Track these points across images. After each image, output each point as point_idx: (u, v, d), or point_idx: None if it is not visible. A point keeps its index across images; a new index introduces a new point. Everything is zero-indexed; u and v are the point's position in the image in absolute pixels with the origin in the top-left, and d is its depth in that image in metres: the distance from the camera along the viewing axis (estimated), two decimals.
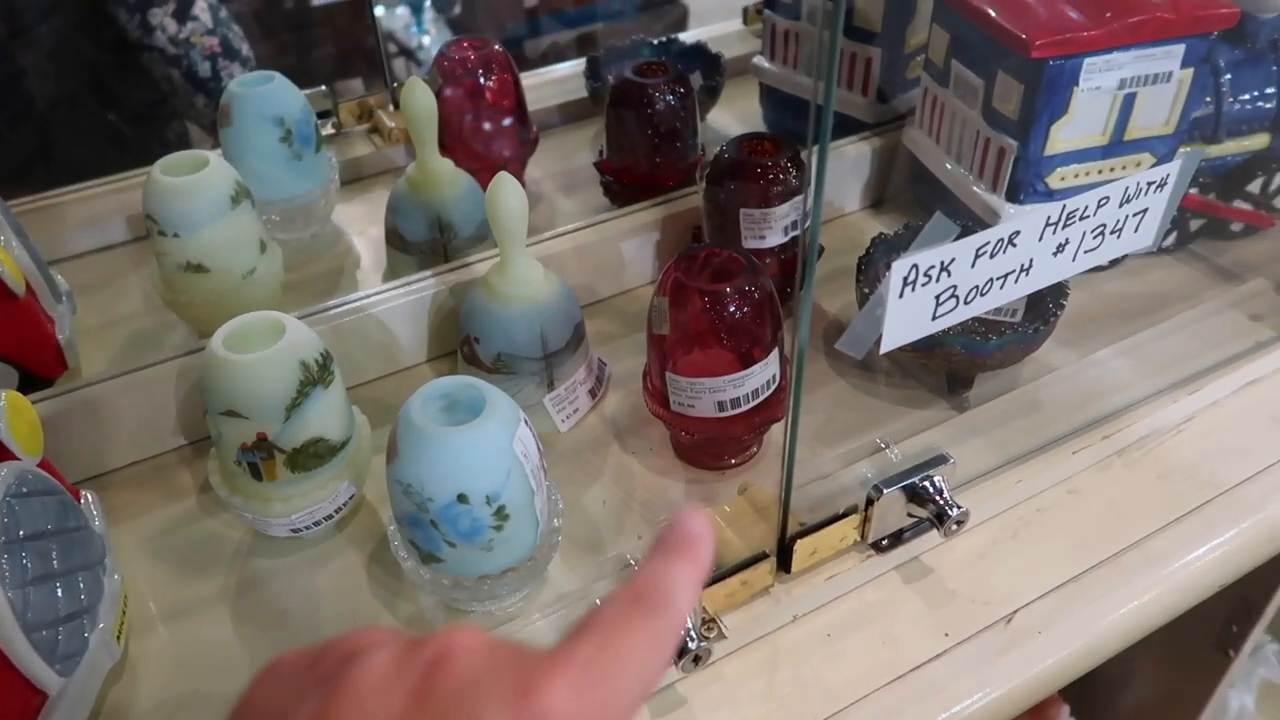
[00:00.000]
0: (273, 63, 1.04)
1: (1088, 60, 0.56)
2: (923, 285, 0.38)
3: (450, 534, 0.42)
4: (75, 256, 0.72)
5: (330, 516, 0.50)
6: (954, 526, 0.45)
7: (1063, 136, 0.59)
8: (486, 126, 0.72)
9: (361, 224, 0.76)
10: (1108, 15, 0.56)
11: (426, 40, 1.99)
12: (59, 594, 0.41)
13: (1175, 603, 0.49)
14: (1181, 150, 0.59)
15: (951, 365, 0.55)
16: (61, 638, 0.41)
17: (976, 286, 0.40)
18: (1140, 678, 0.86)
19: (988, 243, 0.39)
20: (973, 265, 0.39)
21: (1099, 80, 0.57)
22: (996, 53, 0.59)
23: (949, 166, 0.67)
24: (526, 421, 0.43)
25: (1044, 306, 0.56)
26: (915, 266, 0.38)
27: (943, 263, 0.38)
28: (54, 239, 0.71)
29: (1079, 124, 0.59)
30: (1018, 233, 0.40)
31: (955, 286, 0.40)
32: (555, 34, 1.72)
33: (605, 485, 0.54)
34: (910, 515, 0.47)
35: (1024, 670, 0.45)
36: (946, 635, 0.46)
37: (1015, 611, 0.47)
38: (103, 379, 0.54)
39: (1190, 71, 0.59)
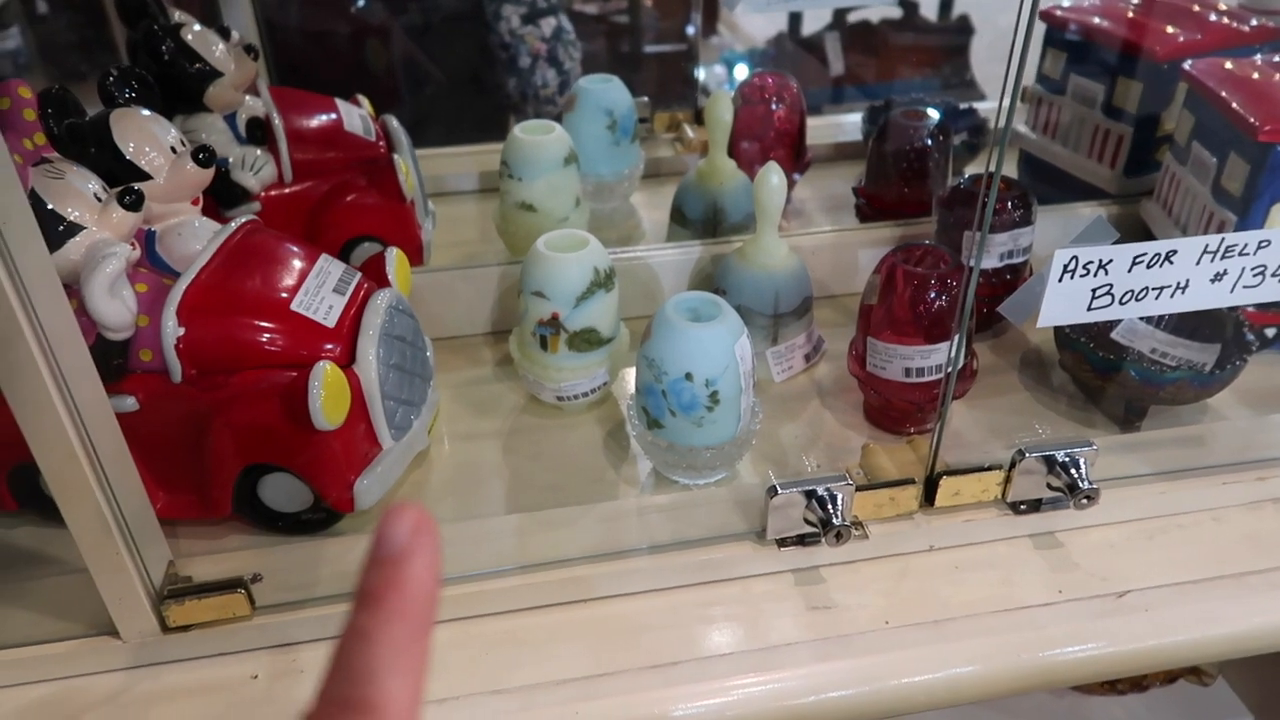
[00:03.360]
0: None
1: None
2: (1080, 276, 0.48)
3: (674, 404, 0.56)
4: (437, 194, 0.94)
5: (586, 394, 0.66)
6: (1083, 500, 0.53)
7: None
8: (771, 143, 0.86)
9: (649, 209, 0.93)
10: None
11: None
12: (403, 383, 0.59)
13: None
14: None
15: (1126, 391, 0.62)
16: (399, 414, 0.58)
17: (1132, 291, 0.49)
18: None
19: (1145, 254, 0.48)
20: (1129, 270, 0.48)
21: None
22: (1230, 136, 0.66)
23: (1175, 236, 0.73)
24: (749, 337, 0.57)
25: (1229, 359, 0.62)
26: (1075, 258, 0.47)
27: (1101, 261, 0.47)
28: (427, 178, 0.93)
29: None
30: (1175, 252, 0.48)
31: (1112, 285, 0.48)
32: (854, 101, 1.86)
33: (799, 426, 0.66)
34: (1049, 487, 0.55)
35: (1122, 638, 0.51)
36: (1060, 592, 0.53)
37: (1129, 591, 0.53)
38: (449, 268, 0.74)
39: None
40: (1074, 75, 0.83)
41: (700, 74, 1.91)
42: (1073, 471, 0.53)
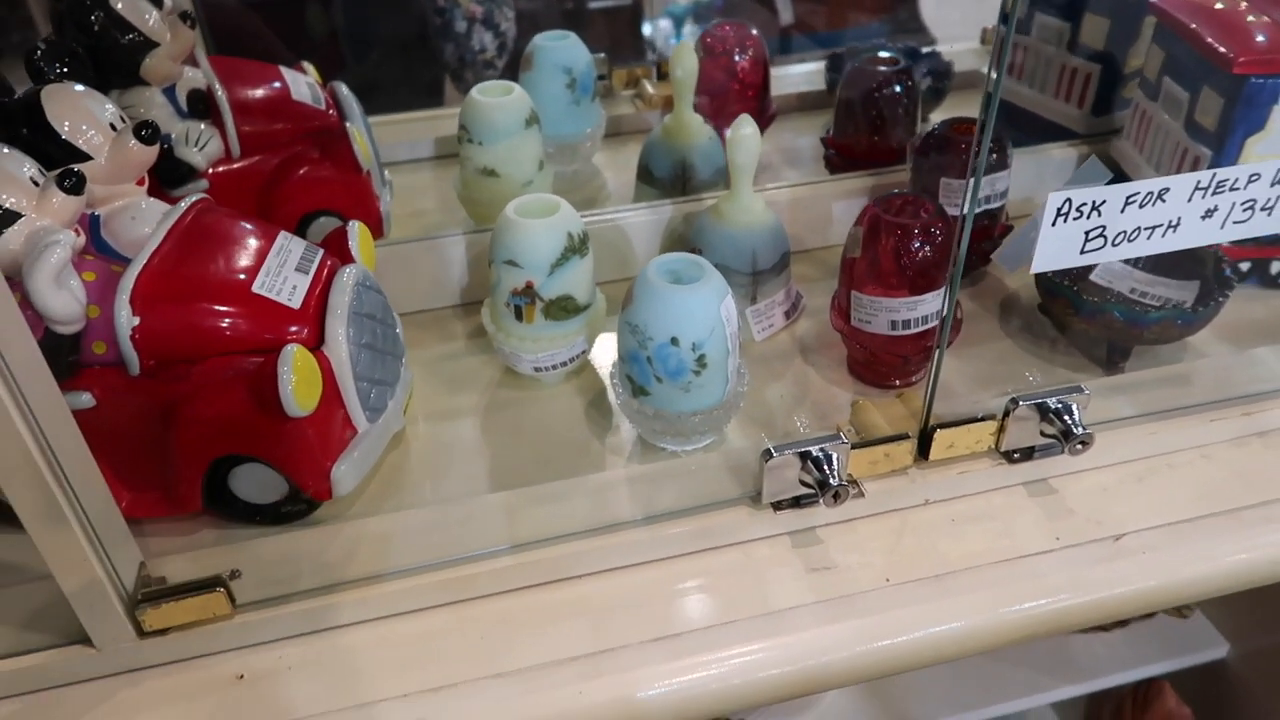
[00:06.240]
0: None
1: None
2: (1074, 219, 0.46)
3: (660, 370, 0.54)
4: (389, 163, 0.91)
5: (565, 363, 0.63)
6: (1078, 446, 0.53)
7: (1258, 151, 0.64)
8: (734, 96, 0.84)
9: (614, 169, 0.90)
10: None
11: None
12: (376, 363, 0.56)
13: None
14: None
15: (1111, 333, 0.62)
16: (373, 394, 0.56)
17: (1124, 232, 0.48)
18: None
19: (1138, 193, 0.47)
20: (1122, 211, 0.47)
21: None
22: (1203, 69, 0.65)
23: (1149, 175, 0.73)
24: (732, 297, 0.55)
25: (1211, 296, 0.62)
26: (1069, 200, 0.46)
27: (1094, 202, 0.46)
28: (380, 147, 0.89)
29: (1276, 141, 0.64)
30: (1167, 189, 0.47)
31: (1105, 227, 0.47)
32: (804, 51, 1.83)
33: (784, 385, 0.65)
34: (1042, 434, 0.54)
35: (1122, 580, 0.51)
36: (1057, 539, 0.53)
37: (1125, 534, 0.53)
38: (412, 240, 0.71)
39: None
40: (1039, 14, 0.82)
41: (647, 29, 1.86)
42: (1066, 418, 0.53)
